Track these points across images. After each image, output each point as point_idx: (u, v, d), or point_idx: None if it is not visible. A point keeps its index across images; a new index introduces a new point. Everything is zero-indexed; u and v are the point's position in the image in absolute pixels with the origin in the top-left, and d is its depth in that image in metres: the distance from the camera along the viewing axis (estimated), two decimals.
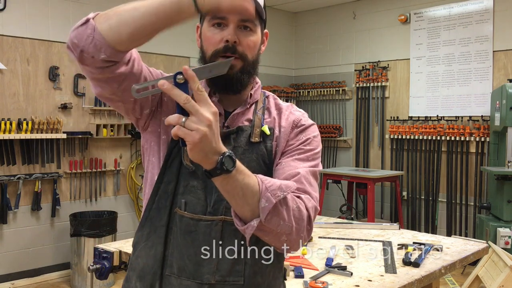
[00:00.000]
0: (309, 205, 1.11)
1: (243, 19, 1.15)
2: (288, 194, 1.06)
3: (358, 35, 6.24)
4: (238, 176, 0.98)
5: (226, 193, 1.01)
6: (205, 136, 0.90)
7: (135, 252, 1.26)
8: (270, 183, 1.04)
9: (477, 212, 5.20)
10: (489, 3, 5.11)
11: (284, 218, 1.05)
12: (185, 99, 0.89)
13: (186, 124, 0.89)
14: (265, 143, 1.22)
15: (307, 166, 1.19)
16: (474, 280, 3.58)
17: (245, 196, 1.01)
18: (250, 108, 1.26)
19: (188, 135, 0.89)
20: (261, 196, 1.02)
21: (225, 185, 0.99)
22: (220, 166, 0.94)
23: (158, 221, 1.20)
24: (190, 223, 1.17)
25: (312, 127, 1.28)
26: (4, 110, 4.36)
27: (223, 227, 1.17)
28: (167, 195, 1.19)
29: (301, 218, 1.08)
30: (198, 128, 0.89)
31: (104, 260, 2.21)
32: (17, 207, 4.43)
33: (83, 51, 1.03)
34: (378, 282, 1.87)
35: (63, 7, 4.68)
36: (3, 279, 4.40)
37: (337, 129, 6.39)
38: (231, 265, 1.18)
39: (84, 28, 1.03)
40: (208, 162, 0.94)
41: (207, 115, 0.90)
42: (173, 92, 0.89)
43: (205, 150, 0.92)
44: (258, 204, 1.02)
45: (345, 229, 2.76)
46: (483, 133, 5.07)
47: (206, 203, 1.18)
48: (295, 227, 1.07)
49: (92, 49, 1.02)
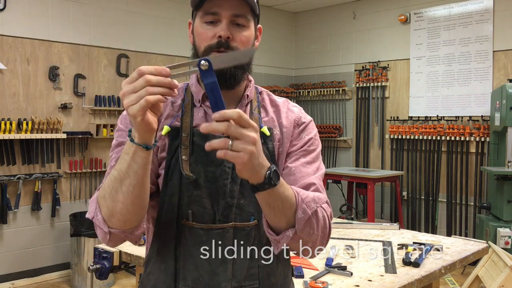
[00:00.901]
0: (329, 213, 1.16)
1: (236, 14, 1.14)
2: (319, 207, 1.11)
3: (358, 35, 6.24)
4: (280, 189, 1.01)
5: (266, 206, 1.03)
6: (253, 154, 0.90)
7: (146, 270, 1.25)
8: (305, 195, 1.09)
9: (477, 212, 5.20)
10: (489, 3, 5.11)
11: (314, 228, 1.09)
12: (227, 126, 0.87)
13: (234, 147, 0.89)
14: (266, 144, 1.21)
15: (315, 168, 1.21)
16: (474, 280, 3.58)
17: (284, 208, 1.04)
18: (246, 108, 1.24)
19: (236, 157, 0.89)
20: (298, 208, 1.06)
21: (268, 198, 1.01)
22: (269, 181, 0.97)
23: (166, 235, 1.19)
24: (200, 233, 1.16)
25: (311, 124, 1.29)
26: (4, 110, 4.36)
27: (235, 233, 1.16)
28: (172, 208, 1.17)
29: (326, 226, 1.13)
30: (245, 149, 0.89)
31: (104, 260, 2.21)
32: (17, 207, 4.43)
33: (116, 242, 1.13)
34: (378, 282, 1.87)
35: (63, 7, 4.68)
36: (3, 279, 4.41)
37: (337, 129, 6.39)
38: (246, 270, 1.18)
39: (102, 233, 1.10)
40: (256, 177, 0.96)
41: (252, 134, 0.90)
42: (212, 128, 0.88)
43: (253, 167, 0.93)
44: (294, 215, 1.06)
45: (345, 229, 2.76)
46: (483, 133, 5.07)
47: (213, 211, 1.17)
48: (321, 236, 1.12)
49: (118, 239, 1.11)
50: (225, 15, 1.13)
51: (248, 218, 1.17)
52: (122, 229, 1.08)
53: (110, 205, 1.05)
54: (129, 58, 5.14)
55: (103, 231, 1.08)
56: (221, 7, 1.13)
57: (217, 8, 1.13)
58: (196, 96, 1.24)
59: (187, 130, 1.19)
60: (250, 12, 1.17)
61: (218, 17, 1.14)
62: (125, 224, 1.07)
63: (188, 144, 1.17)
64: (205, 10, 1.14)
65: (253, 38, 1.21)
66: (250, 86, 1.27)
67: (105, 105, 4.93)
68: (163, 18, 5.44)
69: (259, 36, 1.26)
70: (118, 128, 1.22)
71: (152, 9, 5.36)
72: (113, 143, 1.20)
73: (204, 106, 1.23)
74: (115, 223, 1.07)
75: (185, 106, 1.23)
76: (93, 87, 4.92)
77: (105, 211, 1.06)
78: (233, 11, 1.13)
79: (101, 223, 1.07)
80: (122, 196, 1.02)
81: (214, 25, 1.14)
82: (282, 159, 1.23)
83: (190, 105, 1.23)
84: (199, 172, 1.16)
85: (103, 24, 4.97)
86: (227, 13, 1.13)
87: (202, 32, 1.16)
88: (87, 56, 4.87)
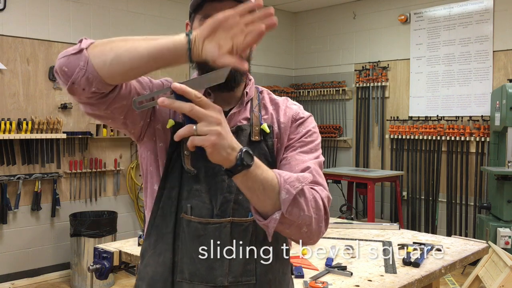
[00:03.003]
0: (323, 195, 1.14)
1: None
2: (305, 185, 1.08)
3: (358, 35, 6.24)
4: (257, 170, 1.00)
5: (247, 190, 1.03)
6: (220, 134, 0.91)
7: (143, 261, 1.25)
8: (287, 176, 1.06)
9: (477, 212, 5.20)
10: (489, 3, 5.11)
11: (303, 209, 1.07)
12: (189, 107, 0.90)
13: (198, 131, 0.90)
14: (266, 141, 1.22)
15: (313, 157, 1.21)
16: (474, 280, 3.58)
17: (265, 190, 1.02)
18: (246, 107, 1.26)
19: (204, 140, 0.90)
20: (281, 189, 1.04)
21: (246, 181, 1.00)
22: (241, 163, 0.96)
23: (164, 227, 1.20)
24: (198, 227, 1.17)
25: (309, 118, 1.29)
26: (4, 110, 4.36)
27: (232, 228, 1.17)
28: (171, 201, 1.19)
29: (319, 208, 1.11)
30: (210, 130, 0.90)
31: (104, 260, 2.21)
32: (17, 207, 4.43)
33: (74, 83, 1.02)
34: (378, 282, 1.87)
35: (63, 7, 4.68)
36: (3, 279, 4.40)
37: (337, 129, 6.39)
38: (242, 266, 1.18)
39: (77, 58, 1.01)
40: (228, 159, 0.96)
41: (215, 115, 0.91)
42: (175, 106, 0.90)
43: (223, 148, 0.93)
44: (278, 197, 1.04)
45: (345, 229, 2.76)
46: (483, 133, 5.07)
47: (212, 206, 1.18)
48: (314, 217, 1.10)
49: (84, 82, 1.01)
50: None
51: (246, 213, 1.18)
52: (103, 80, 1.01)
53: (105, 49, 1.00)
54: None
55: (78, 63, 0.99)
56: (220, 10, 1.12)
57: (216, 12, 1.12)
58: None
59: None
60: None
61: None
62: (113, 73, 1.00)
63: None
64: (205, 13, 1.14)
65: None
66: (250, 84, 1.28)
67: None
68: (163, 18, 5.44)
69: None
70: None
71: (152, 9, 5.36)
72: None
73: None
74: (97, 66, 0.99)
75: None
76: None
77: (96, 51, 1.00)
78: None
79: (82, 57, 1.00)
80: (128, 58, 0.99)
81: None
82: (280, 154, 1.24)
83: None
84: (200, 167, 1.18)
85: (103, 24, 4.97)
86: None
87: None
88: None
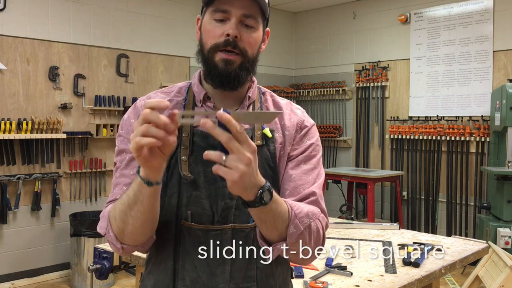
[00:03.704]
0: (324, 223, 1.17)
1: (246, 14, 1.14)
2: (313, 221, 1.11)
3: (358, 35, 6.24)
4: (273, 205, 1.01)
5: (258, 220, 1.04)
6: (244, 174, 0.90)
7: (146, 269, 1.26)
8: (298, 210, 1.09)
9: (477, 212, 5.20)
10: (489, 3, 5.11)
11: (306, 242, 1.10)
12: (227, 138, 0.88)
13: (227, 163, 0.90)
14: (268, 146, 1.20)
15: (315, 176, 1.22)
16: (474, 280, 3.58)
17: (276, 223, 1.05)
18: (248, 109, 1.24)
19: (227, 173, 0.90)
20: (290, 223, 1.07)
21: (259, 213, 1.01)
22: (259, 200, 0.97)
23: (165, 235, 1.19)
24: (199, 234, 1.16)
25: (313, 128, 1.28)
26: (4, 110, 4.36)
27: (233, 234, 1.16)
28: (171, 208, 1.17)
29: (319, 238, 1.14)
30: (237, 167, 0.89)
31: (104, 260, 2.21)
32: (17, 207, 4.43)
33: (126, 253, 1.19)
34: (378, 282, 1.87)
35: (63, 7, 4.68)
36: (3, 279, 4.41)
37: (337, 129, 6.39)
38: (244, 272, 1.18)
39: (115, 248, 1.15)
40: (248, 195, 0.96)
41: (247, 154, 0.90)
42: (214, 132, 0.89)
43: (244, 186, 0.93)
44: (286, 230, 1.07)
45: (345, 229, 2.76)
46: (483, 133, 5.07)
47: (212, 212, 1.16)
48: (313, 247, 1.13)
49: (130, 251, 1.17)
50: (235, 13, 1.13)
51: (247, 219, 1.17)
52: (133, 245, 1.14)
53: (120, 226, 1.09)
54: (129, 58, 5.14)
55: (116, 247, 1.14)
56: (232, 5, 1.13)
57: (228, 6, 1.13)
58: (198, 96, 1.23)
59: (187, 130, 1.18)
60: (260, 14, 1.17)
61: (228, 15, 1.13)
62: (136, 241, 1.13)
63: (188, 144, 1.17)
64: (216, 7, 1.14)
65: (260, 41, 1.21)
66: (252, 87, 1.26)
67: (105, 105, 4.93)
68: (163, 18, 5.44)
69: (266, 40, 1.26)
70: (119, 133, 1.23)
71: (152, 9, 5.36)
72: (116, 149, 1.23)
73: (205, 106, 1.23)
74: (126, 240, 1.12)
75: (186, 106, 1.23)
76: (93, 87, 4.92)
77: (116, 230, 1.11)
78: (243, 10, 1.13)
79: (113, 240, 1.13)
80: (131, 220, 1.06)
81: (223, 23, 1.14)
82: (283, 161, 1.22)
83: (191, 105, 1.23)
84: (199, 172, 1.16)
85: (103, 24, 4.97)
86: (238, 12, 1.13)
87: (210, 29, 1.16)
88: (87, 56, 4.87)
